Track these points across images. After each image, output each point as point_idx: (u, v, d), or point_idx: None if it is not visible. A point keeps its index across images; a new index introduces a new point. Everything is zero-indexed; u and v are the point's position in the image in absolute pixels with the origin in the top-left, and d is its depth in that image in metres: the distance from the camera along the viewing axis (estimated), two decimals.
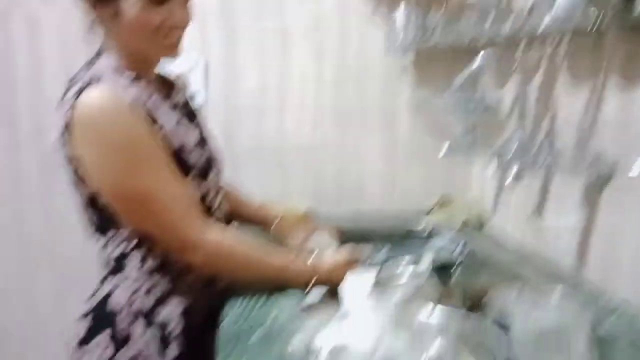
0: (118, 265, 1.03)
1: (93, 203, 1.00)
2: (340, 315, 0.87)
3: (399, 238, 1.55)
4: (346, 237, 1.39)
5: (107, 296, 1.02)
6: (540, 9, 1.08)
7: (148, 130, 0.95)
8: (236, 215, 1.26)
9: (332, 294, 1.04)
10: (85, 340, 1.01)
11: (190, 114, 1.12)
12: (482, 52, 1.13)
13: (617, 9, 0.92)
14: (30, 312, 1.81)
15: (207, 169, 1.06)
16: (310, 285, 1.06)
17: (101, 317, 1.01)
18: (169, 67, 1.12)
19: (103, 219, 1.01)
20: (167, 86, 1.10)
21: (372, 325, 0.78)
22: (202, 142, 1.09)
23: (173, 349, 1.01)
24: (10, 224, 1.75)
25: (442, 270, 1.02)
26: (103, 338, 1.00)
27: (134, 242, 1.01)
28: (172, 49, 1.01)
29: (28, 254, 1.77)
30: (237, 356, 0.83)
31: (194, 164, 1.03)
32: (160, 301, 1.02)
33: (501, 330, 0.79)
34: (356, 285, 0.85)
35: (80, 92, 0.92)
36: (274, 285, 1.07)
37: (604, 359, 0.77)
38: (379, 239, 1.50)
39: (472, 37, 1.36)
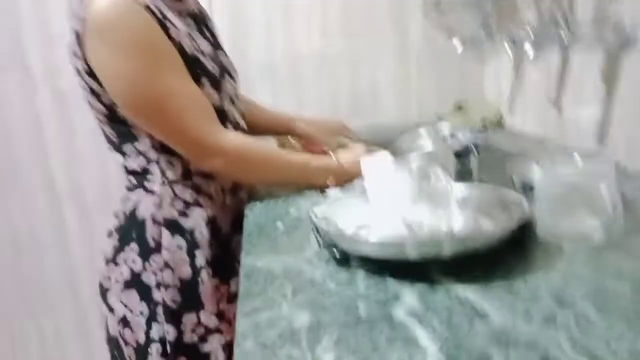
0: (140, 180, 1.04)
1: (110, 117, 1.00)
2: (361, 194, 0.87)
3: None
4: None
5: (132, 211, 1.03)
6: None
7: (163, 34, 0.94)
8: (257, 124, 1.26)
9: None
10: (113, 256, 1.04)
11: (200, 23, 1.10)
12: None
13: None
14: (60, 250, 1.86)
15: (220, 78, 1.05)
16: (332, 181, 1.06)
17: (127, 232, 1.03)
18: None
19: (120, 133, 1.01)
20: None
21: (393, 199, 0.78)
22: (214, 52, 1.08)
23: (202, 254, 1.03)
24: (32, 168, 1.77)
25: (460, 157, 1.01)
26: (131, 251, 1.02)
27: (153, 154, 1.02)
28: None
29: (53, 193, 1.81)
30: (262, 246, 0.84)
31: (207, 72, 1.02)
32: (185, 210, 1.03)
33: (524, 190, 0.79)
34: (375, 165, 0.85)
35: None
36: (296, 183, 1.08)
37: (629, 219, 0.76)
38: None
39: None
